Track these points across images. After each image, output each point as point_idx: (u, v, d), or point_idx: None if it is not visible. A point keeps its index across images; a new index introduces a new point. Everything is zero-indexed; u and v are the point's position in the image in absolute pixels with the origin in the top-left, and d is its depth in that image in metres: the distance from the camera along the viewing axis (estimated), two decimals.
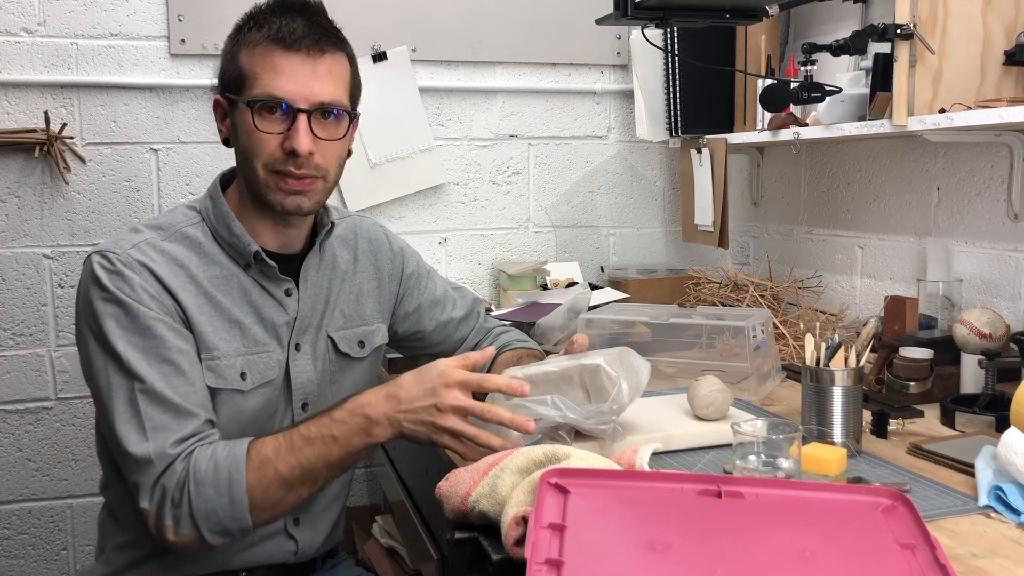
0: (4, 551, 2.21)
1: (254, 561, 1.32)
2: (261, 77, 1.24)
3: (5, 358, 2.16)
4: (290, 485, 1.15)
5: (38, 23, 2.11)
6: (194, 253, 1.27)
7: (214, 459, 1.14)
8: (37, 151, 2.09)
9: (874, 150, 2.09)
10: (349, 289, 1.43)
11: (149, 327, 1.19)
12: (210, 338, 1.24)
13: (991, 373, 1.41)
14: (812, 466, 1.14)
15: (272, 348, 1.31)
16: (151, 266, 1.22)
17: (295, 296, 1.34)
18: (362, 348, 1.43)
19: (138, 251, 1.23)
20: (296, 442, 1.15)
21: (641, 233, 2.63)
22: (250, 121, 1.24)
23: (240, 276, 1.30)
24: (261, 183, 1.27)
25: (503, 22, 2.40)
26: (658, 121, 2.38)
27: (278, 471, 1.14)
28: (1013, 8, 1.62)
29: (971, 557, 0.95)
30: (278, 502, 1.16)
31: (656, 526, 0.87)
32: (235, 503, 1.13)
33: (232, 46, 1.28)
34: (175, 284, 1.23)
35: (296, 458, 1.15)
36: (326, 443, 1.15)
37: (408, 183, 2.38)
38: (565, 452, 1.05)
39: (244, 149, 1.27)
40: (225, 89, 1.28)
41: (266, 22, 1.25)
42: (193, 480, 1.12)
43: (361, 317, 1.44)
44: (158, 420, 1.15)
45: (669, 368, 1.73)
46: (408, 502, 1.77)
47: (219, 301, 1.27)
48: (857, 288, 2.16)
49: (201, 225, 1.30)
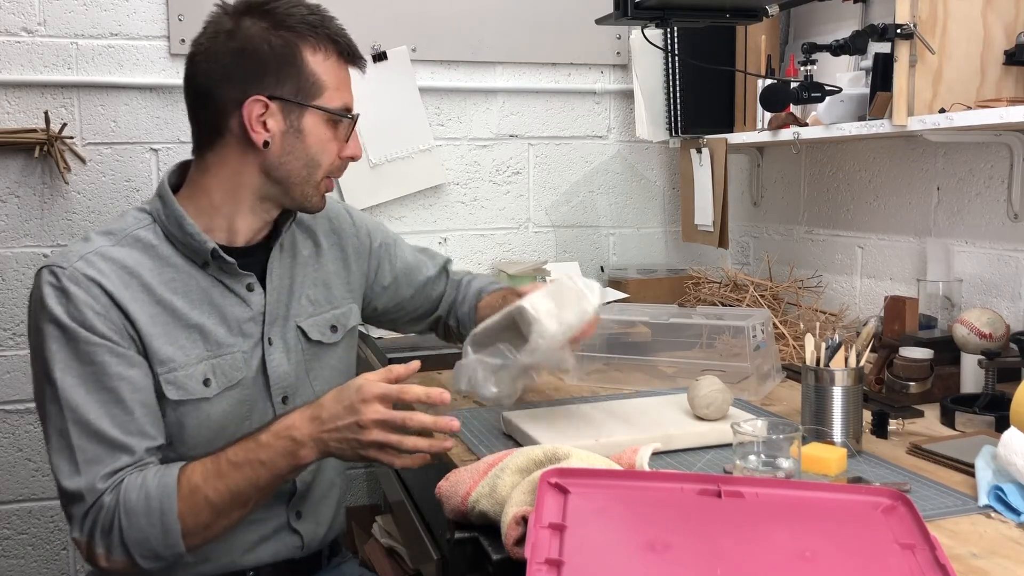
0: (4, 551, 2.21)
1: (260, 560, 1.32)
2: (340, 89, 1.28)
3: (5, 358, 2.17)
4: (220, 510, 1.16)
5: (38, 23, 2.11)
6: (147, 257, 1.23)
7: (145, 488, 1.13)
8: (37, 151, 2.09)
9: (874, 150, 2.09)
10: (314, 275, 1.41)
11: (89, 353, 1.15)
12: (165, 350, 1.21)
13: (991, 373, 1.41)
14: (812, 466, 1.14)
15: (237, 348, 1.28)
16: (99, 280, 1.18)
17: (258, 290, 1.31)
18: (335, 332, 1.42)
19: (86, 263, 1.18)
20: (224, 468, 1.15)
21: (641, 233, 2.63)
22: (328, 132, 1.28)
23: (198, 276, 1.26)
24: (315, 187, 1.30)
25: (503, 22, 2.40)
26: (658, 121, 2.38)
27: (208, 498, 1.14)
28: (1013, 8, 1.62)
29: (971, 557, 0.95)
30: (209, 526, 1.16)
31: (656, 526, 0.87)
32: (167, 532, 1.13)
33: (287, 48, 1.24)
34: (125, 297, 1.19)
35: (225, 483, 1.15)
36: (253, 467, 1.15)
37: (408, 183, 2.38)
38: (565, 452, 1.05)
39: (311, 157, 1.27)
40: (284, 93, 1.24)
41: (324, 28, 1.26)
42: (124, 510, 1.12)
43: (330, 301, 1.42)
44: (91, 453, 1.14)
45: (669, 368, 1.73)
46: (408, 502, 1.77)
47: (176, 307, 1.23)
48: (857, 288, 2.16)
49: (153, 227, 1.26)
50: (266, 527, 1.32)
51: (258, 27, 1.24)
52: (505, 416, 1.38)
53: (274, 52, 1.24)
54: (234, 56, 1.23)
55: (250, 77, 1.23)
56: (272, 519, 1.33)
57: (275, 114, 1.25)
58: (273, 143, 1.25)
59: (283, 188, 1.29)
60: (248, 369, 1.29)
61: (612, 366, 1.73)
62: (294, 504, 1.35)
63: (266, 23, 1.24)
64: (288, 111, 1.25)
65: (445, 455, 1.32)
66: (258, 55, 1.23)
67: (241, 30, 1.24)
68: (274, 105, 1.24)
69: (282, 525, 1.34)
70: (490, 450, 1.29)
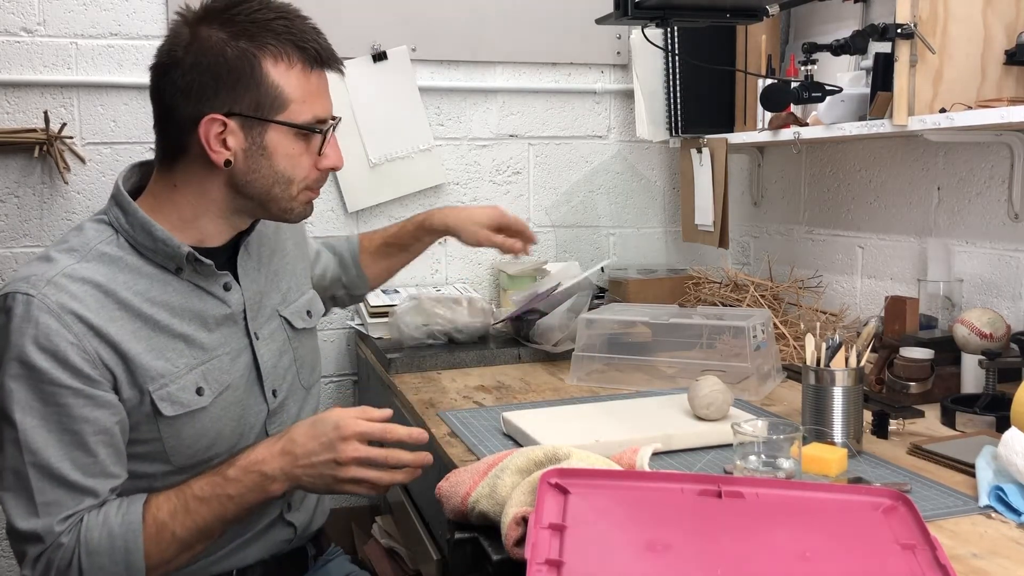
0: (4, 551, 2.21)
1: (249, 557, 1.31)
2: (309, 101, 1.19)
3: None
4: (187, 545, 1.15)
5: (38, 23, 2.11)
6: (117, 270, 1.16)
7: (107, 527, 1.10)
8: (37, 151, 2.09)
9: (874, 150, 2.09)
10: (280, 263, 1.39)
11: (53, 394, 1.08)
12: (154, 365, 1.15)
13: (991, 373, 1.41)
14: (812, 466, 1.14)
15: (223, 350, 1.24)
16: (72, 307, 1.10)
17: (236, 288, 1.27)
18: (311, 317, 1.42)
19: (55, 288, 1.10)
20: (191, 504, 1.14)
21: (641, 233, 2.63)
22: (297, 147, 1.20)
23: (173, 283, 1.20)
24: (293, 202, 1.24)
25: (503, 22, 2.40)
26: (658, 121, 2.38)
27: (175, 534, 1.13)
28: (1013, 8, 1.62)
29: (971, 557, 0.95)
30: (173, 559, 1.15)
31: (656, 526, 0.87)
32: (131, 570, 1.11)
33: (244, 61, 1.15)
34: (103, 318, 1.12)
35: (192, 520, 1.14)
36: (221, 502, 1.15)
37: (408, 183, 2.38)
38: (565, 452, 1.05)
39: (280, 173, 1.20)
40: (243, 110, 1.16)
41: (288, 35, 1.17)
42: (85, 551, 1.09)
43: (299, 288, 1.42)
44: (50, 496, 1.09)
45: (669, 368, 1.73)
46: (408, 502, 1.77)
47: (157, 319, 1.17)
48: (857, 288, 2.16)
49: (116, 239, 1.18)
50: (261, 521, 1.31)
51: (216, 37, 1.15)
52: (505, 416, 1.38)
53: (230, 65, 1.15)
54: (189, 71, 1.15)
55: (206, 93, 1.15)
56: (265, 517, 1.32)
57: (235, 132, 1.17)
58: (236, 161, 1.18)
59: (257, 203, 1.23)
60: (237, 369, 1.26)
61: (612, 366, 1.73)
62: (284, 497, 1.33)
63: (225, 32, 1.15)
64: (248, 128, 1.17)
65: (445, 456, 1.32)
66: (213, 69, 1.15)
67: (198, 41, 1.15)
68: (232, 123, 1.16)
69: (276, 518, 1.34)
70: (490, 450, 1.29)
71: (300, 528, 1.37)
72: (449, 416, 1.49)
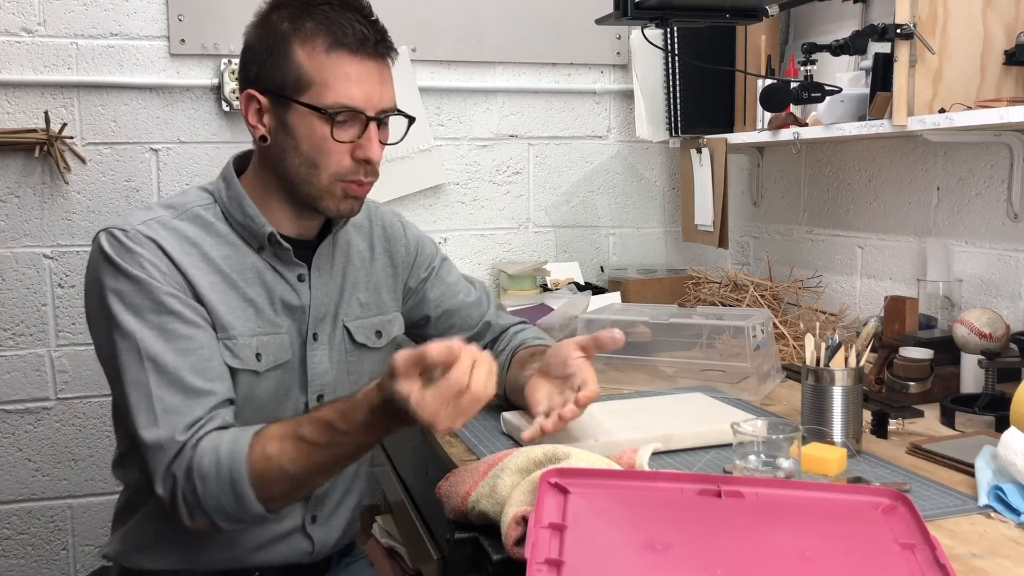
0: (4, 551, 2.21)
1: (267, 562, 1.31)
2: (334, 85, 1.19)
3: (5, 358, 2.16)
4: (298, 479, 1.12)
5: (38, 23, 2.11)
6: (206, 233, 1.24)
7: (217, 455, 1.10)
8: (37, 151, 2.09)
9: (874, 150, 2.09)
10: (366, 278, 1.40)
11: (162, 301, 1.16)
12: (225, 316, 1.21)
13: (991, 373, 1.41)
14: (812, 466, 1.14)
15: (285, 330, 1.28)
16: (160, 242, 1.19)
17: (308, 283, 1.30)
18: (379, 338, 1.40)
19: (147, 227, 1.20)
20: (304, 439, 1.10)
21: (641, 233, 2.63)
22: (322, 130, 1.20)
23: (253, 258, 1.26)
24: (323, 190, 1.23)
25: (503, 22, 2.40)
26: (658, 121, 2.38)
27: (283, 468, 1.10)
28: (1013, 8, 1.62)
29: (971, 557, 0.95)
30: (290, 494, 1.14)
31: (656, 526, 0.87)
32: (240, 498, 1.10)
33: (279, 40, 1.20)
34: (186, 262, 1.20)
35: (305, 460, 1.10)
36: (330, 435, 1.09)
37: (408, 183, 2.38)
38: (565, 452, 1.05)
39: (305, 155, 1.22)
40: (272, 87, 1.21)
41: (327, 20, 1.20)
42: (198, 475, 1.10)
43: (379, 306, 1.41)
44: (169, 402, 1.13)
45: (669, 368, 1.73)
46: (408, 502, 1.77)
47: (233, 279, 1.24)
48: (857, 288, 2.16)
49: (213, 207, 1.27)
50: (280, 528, 1.30)
51: (270, 19, 1.22)
52: (505, 416, 1.38)
53: (265, 44, 1.21)
54: (247, 50, 1.24)
55: (249, 70, 1.24)
56: (287, 521, 1.31)
57: (268, 109, 1.23)
58: (271, 139, 1.23)
59: (291, 187, 1.25)
60: (293, 356, 1.29)
61: (612, 366, 1.73)
62: (311, 508, 1.33)
63: (277, 15, 1.22)
64: (276, 106, 1.22)
65: (445, 455, 1.32)
66: (255, 48, 1.23)
67: (263, 23, 1.23)
68: (265, 100, 1.22)
69: (296, 528, 1.32)
70: (490, 450, 1.29)
71: (319, 545, 1.35)
72: None
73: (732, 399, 1.52)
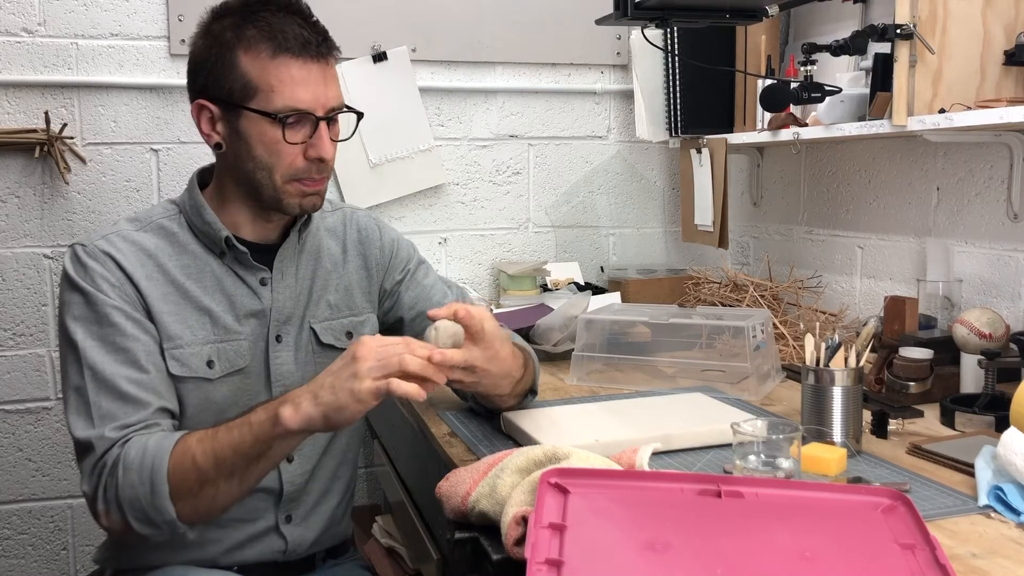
0: (4, 551, 2.21)
1: (243, 560, 1.32)
2: (280, 90, 1.22)
3: (5, 358, 2.16)
4: (205, 475, 1.13)
5: (38, 23, 2.11)
6: (167, 243, 1.29)
7: (144, 447, 1.14)
8: (37, 151, 2.09)
9: (874, 150, 2.09)
10: (337, 280, 1.42)
11: (106, 315, 1.21)
12: (174, 327, 1.25)
13: (991, 373, 1.41)
14: (812, 466, 1.14)
15: (243, 336, 1.31)
16: (115, 256, 1.24)
17: (270, 286, 1.33)
18: (350, 338, 1.41)
19: (106, 242, 1.26)
20: (215, 432, 1.15)
21: (641, 233, 2.63)
22: (274, 134, 1.23)
23: (214, 265, 1.30)
24: (278, 191, 1.27)
25: (503, 22, 2.40)
26: (658, 121, 2.38)
27: (195, 459, 1.13)
28: (1013, 8, 1.62)
29: (971, 557, 0.95)
30: (197, 494, 1.14)
31: (656, 526, 0.87)
32: (156, 492, 1.12)
33: (223, 49, 1.23)
34: (139, 274, 1.25)
35: (211, 445, 1.13)
36: (240, 428, 1.13)
37: (408, 183, 2.38)
38: (565, 452, 1.05)
39: (258, 159, 1.25)
40: (221, 95, 1.24)
41: (269, 27, 1.22)
42: (122, 466, 1.13)
43: (350, 307, 1.43)
44: (105, 408, 1.17)
45: (669, 368, 1.73)
46: (408, 502, 1.77)
47: (188, 289, 1.28)
48: (857, 288, 2.16)
49: (178, 217, 1.32)
50: (255, 528, 1.33)
51: (218, 27, 1.25)
52: (505, 416, 1.38)
53: (210, 54, 1.24)
54: (191, 60, 1.28)
55: (196, 80, 1.27)
56: (261, 521, 1.33)
57: (220, 117, 1.26)
58: (225, 145, 1.27)
59: (251, 191, 1.29)
60: (252, 359, 1.32)
61: (612, 366, 1.73)
62: (283, 507, 1.35)
63: (219, 25, 1.25)
64: (227, 113, 1.25)
65: (445, 455, 1.32)
66: (201, 58, 1.26)
67: (207, 33, 1.26)
68: (216, 108, 1.26)
69: (270, 528, 1.34)
70: (490, 450, 1.29)
71: (292, 544, 1.36)
72: (449, 416, 1.50)
73: (732, 399, 1.52)
